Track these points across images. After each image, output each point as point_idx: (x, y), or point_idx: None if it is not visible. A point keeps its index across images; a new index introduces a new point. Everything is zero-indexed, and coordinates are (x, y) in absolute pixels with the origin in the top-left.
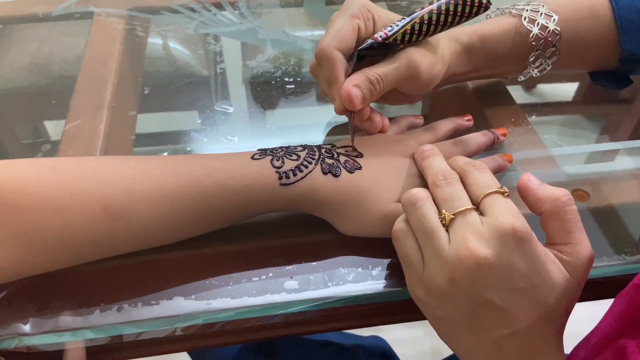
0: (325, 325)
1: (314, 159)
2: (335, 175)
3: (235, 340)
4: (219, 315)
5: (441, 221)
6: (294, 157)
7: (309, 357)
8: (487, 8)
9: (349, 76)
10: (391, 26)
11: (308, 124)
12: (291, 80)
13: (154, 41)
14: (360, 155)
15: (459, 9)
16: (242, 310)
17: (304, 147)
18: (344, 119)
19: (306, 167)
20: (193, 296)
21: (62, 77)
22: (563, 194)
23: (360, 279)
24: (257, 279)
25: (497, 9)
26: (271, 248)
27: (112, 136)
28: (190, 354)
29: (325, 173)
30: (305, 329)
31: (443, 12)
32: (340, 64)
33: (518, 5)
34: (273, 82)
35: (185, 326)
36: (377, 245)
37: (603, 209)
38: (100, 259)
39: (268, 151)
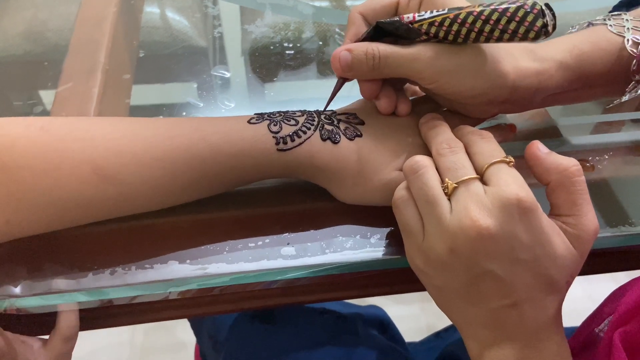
0: (323, 294)
1: (312, 125)
2: (335, 142)
3: (231, 308)
4: (214, 280)
5: (444, 190)
6: (292, 122)
7: (306, 324)
8: (546, 36)
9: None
10: (426, 12)
11: (307, 92)
12: (290, 45)
13: (150, 6)
14: (362, 122)
15: (511, 26)
16: (238, 275)
17: (303, 112)
18: (342, 90)
19: (304, 132)
20: (188, 261)
21: (57, 45)
22: (572, 164)
23: (359, 246)
24: (253, 245)
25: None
26: (268, 215)
27: (106, 100)
28: (189, 320)
29: (324, 139)
30: (302, 298)
31: (483, 18)
32: (354, 27)
33: (614, 17)
34: (272, 47)
35: (180, 291)
36: (376, 214)
37: (607, 180)
38: (92, 222)
39: (265, 115)
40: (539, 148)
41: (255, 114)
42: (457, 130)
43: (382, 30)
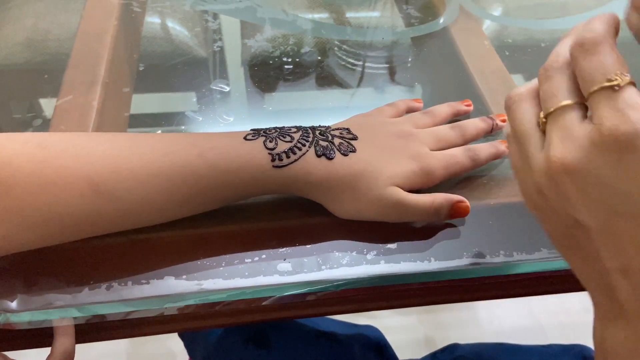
0: (319, 309)
1: (307, 141)
2: (329, 158)
3: (226, 322)
4: (210, 296)
5: (538, 124)
6: (288, 138)
7: (301, 350)
8: None
9: None
10: None
11: (306, 106)
12: (290, 60)
13: (151, 20)
14: (355, 137)
15: None
16: (234, 291)
17: (298, 128)
18: (341, 103)
19: (300, 149)
20: (184, 276)
21: (58, 54)
22: None
23: (355, 262)
24: (249, 260)
25: None
26: (264, 230)
27: (106, 113)
28: (182, 339)
29: (319, 156)
30: (298, 312)
31: None
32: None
33: None
34: (271, 62)
35: (176, 306)
36: (372, 230)
37: None
38: (89, 237)
39: (261, 132)
40: None
41: (251, 129)
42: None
43: None
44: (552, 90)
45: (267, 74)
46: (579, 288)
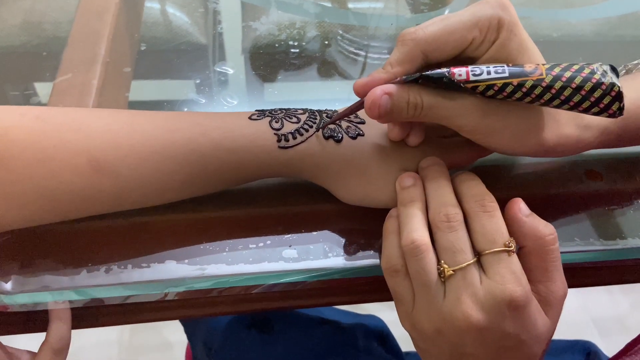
0: (323, 299)
1: (315, 123)
2: (337, 141)
3: (228, 310)
4: (212, 281)
5: (439, 272)
6: (294, 119)
7: (305, 335)
8: (615, 117)
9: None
10: (480, 68)
11: (311, 91)
12: (296, 44)
13: (151, 5)
14: (363, 121)
15: (584, 104)
16: (237, 277)
17: (305, 110)
18: (342, 94)
19: (307, 130)
20: (186, 261)
21: (55, 37)
22: (548, 232)
23: (362, 250)
24: (254, 246)
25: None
26: (270, 215)
27: (106, 92)
28: (183, 324)
29: (326, 138)
30: (301, 302)
31: (553, 92)
32: (409, 66)
33: None
34: (277, 45)
35: (178, 292)
36: (380, 217)
37: (616, 190)
38: (87, 215)
39: (267, 112)
40: (520, 209)
41: (256, 110)
42: (461, 193)
43: (422, 78)
44: (460, 245)
45: (272, 57)
46: (581, 284)
